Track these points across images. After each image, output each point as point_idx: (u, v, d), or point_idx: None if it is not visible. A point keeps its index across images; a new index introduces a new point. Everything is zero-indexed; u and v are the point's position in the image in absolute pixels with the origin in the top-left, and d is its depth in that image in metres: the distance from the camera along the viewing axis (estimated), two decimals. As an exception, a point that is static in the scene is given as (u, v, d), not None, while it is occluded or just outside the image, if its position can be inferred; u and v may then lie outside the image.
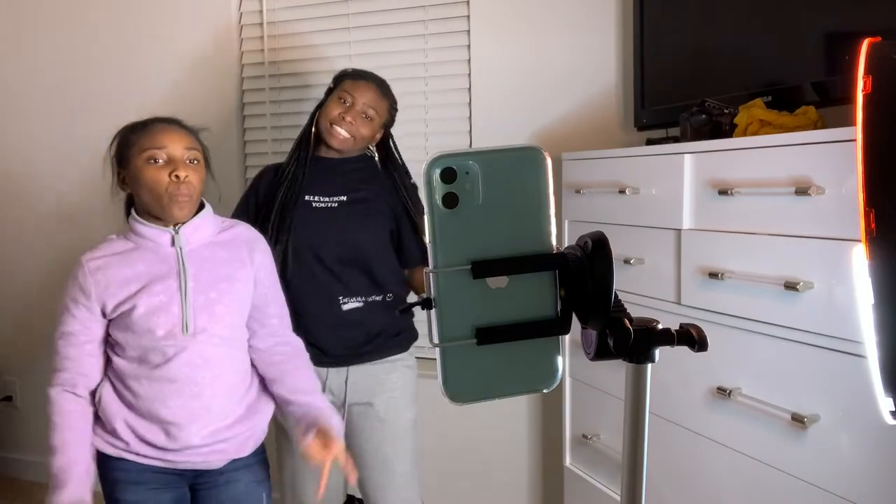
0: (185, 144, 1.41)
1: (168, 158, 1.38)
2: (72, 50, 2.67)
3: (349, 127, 1.72)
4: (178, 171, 1.36)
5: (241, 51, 2.47)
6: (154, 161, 1.38)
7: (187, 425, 1.39)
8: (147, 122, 1.45)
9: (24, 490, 2.84)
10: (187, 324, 1.38)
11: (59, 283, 2.75)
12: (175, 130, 1.42)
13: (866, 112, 0.94)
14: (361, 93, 1.73)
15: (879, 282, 0.95)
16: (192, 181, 1.39)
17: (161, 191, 1.37)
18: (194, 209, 1.43)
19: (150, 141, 1.39)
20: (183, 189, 1.37)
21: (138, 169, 1.39)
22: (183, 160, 1.39)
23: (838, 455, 1.14)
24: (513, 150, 0.55)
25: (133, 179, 1.41)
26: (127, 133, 1.46)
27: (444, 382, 0.56)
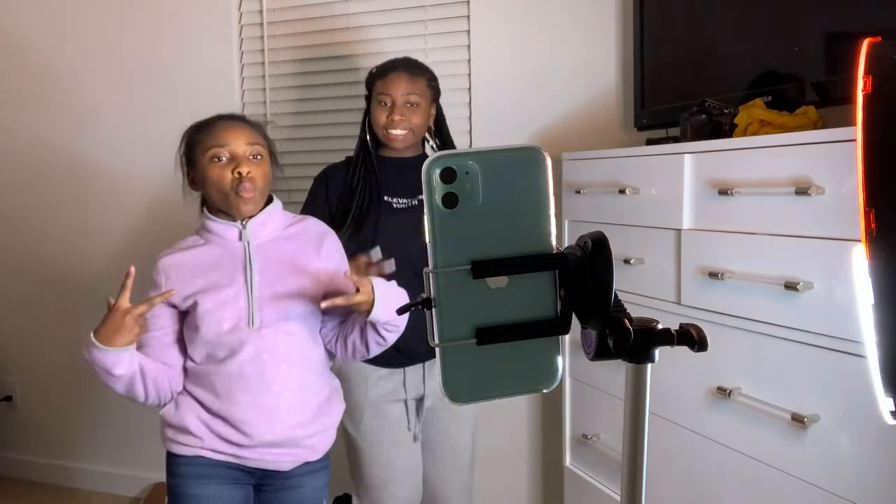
0: (246, 140, 1.42)
1: (231, 156, 1.40)
2: (69, 50, 2.67)
3: (401, 124, 1.73)
4: (240, 168, 1.38)
5: (242, 51, 2.47)
6: (218, 159, 1.40)
7: (257, 422, 1.38)
8: (210, 120, 1.47)
9: (24, 490, 2.84)
10: (253, 317, 1.39)
11: (58, 284, 2.76)
12: (237, 126, 1.44)
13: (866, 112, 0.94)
14: (395, 87, 1.74)
15: (879, 282, 0.95)
16: (255, 176, 1.40)
17: (226, 188, 1.39)
18: (261, 203, 1.44)
19: (213, 139, 1.41)
20: (247, 185, 1.38)
21: (204, 168, 1.41)
22: (246, 156, 1.41)
23: (838, 455, 1.14)
24: (513, 150, 0.55)
25: (200, 179, 1.44)
26: (192, 133, 1.48)
27: (444, 382, 0.56)
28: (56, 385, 2.85)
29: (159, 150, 2.58)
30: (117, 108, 2.63)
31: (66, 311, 2.78)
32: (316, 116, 2.42)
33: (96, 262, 2.70)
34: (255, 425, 1.38)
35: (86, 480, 2.85)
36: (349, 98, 2.35)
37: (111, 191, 2.67)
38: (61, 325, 2.80)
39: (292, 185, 2.45)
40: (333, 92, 2.38)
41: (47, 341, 2.84)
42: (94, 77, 2.65)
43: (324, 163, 2.32)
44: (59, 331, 2.81)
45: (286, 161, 2.45)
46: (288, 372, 1.41)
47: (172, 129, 2.53)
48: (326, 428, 1.48)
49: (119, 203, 2.67)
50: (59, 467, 2.88)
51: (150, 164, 2.60)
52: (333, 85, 2.38)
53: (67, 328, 2.79)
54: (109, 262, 2.67)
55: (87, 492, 2.83)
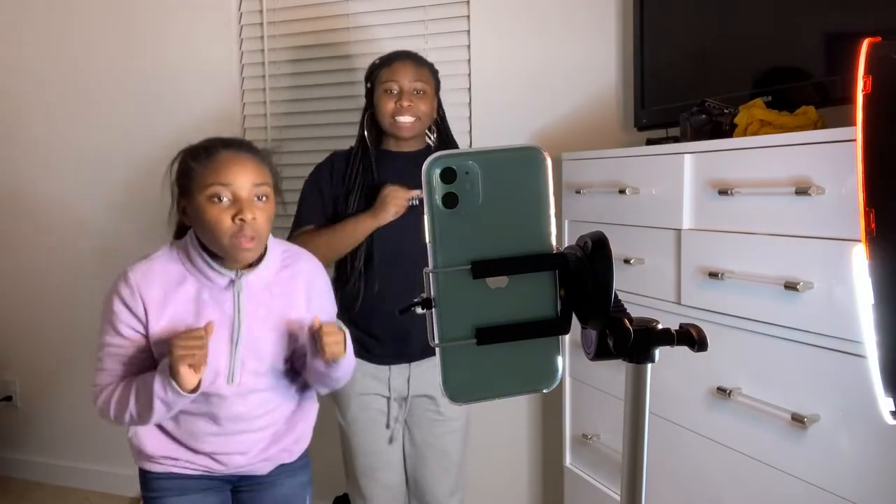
0: (253, 180, 1.26)
1: (234, 197, 1.24)
2: (69, 51, 2.67)
3: (410, 111, 1.71)
4: (243, 215, 1.22)
5: (242, 51, 2.47)
6: (218, 199, 1.24)
7: (232, 455, 1.38)
8: (210, 147, 1.29)
9: (24, 490, 2.84)
10: (233, 374, 1.32)
11: (58, 284, 2.76)
12: (243, 162, 1.26)
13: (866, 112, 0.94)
14: (402, 73, 1.72)
15: (879, 282, 0.95)
16: (260, 223, 1.25)
17: (224, 235, 1.23)
18: (260, 252, 1.31)
19: (215, 175, 1.24)
20: (247, 232, 1.23)
21: (200, 206, 1.25)
22: (250, 199, 1.25)
23: (838, 455, 1.13)
24: (513, 150, 0.55)
25: (194, 215, 1.28)
26: (188, 160, 1.30)
27: (444, 382, 0.56)
28: (56, 385, 2.85)
29: (161, 147, 2.58)
30: (114, 109, 2.63)
31: (66, 311, 2.78)
32: (316, 116, 2.42)
33: (96, 261, 2.70)
34: (228, 458, 1.38)
35: (86, 480, 2.85)
36: (349, 98, 2.35)
37: (114, 188, 2.67)
38: (61, 325, 2.80)
39: (292, 185, 2.46)
40: (333, 92, 2.38)
41: (47, 341, 2.84)
42: (94, 76, 2.65)
43: (324, 163, 2.33)
44: (59, 331, 2.81)
45: (286, 161, 2.46)
46: (263, 416, 1.39)
47: (174, 127, 2.56)
48: (301, 433, 1.48)
49: (121, 201, 2.66)
50: (59, 467, 2.88)
51: (154, 162, 2.59)
52: (333, 85, 2.38)
53: (67, 328, 2.79)
54: (110, 262, 2.67)
55: (87, 492, 2.83)
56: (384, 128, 1.76)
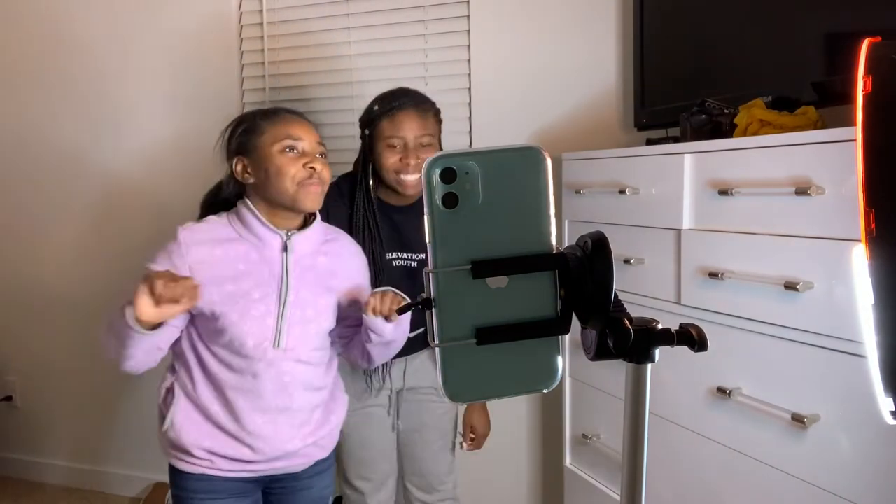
0: (316, 139, 1.40)
1: (302, 150, 1.36)
2: (68, 49, 2.67)
3: (417, 168, 1.60)
4: (314, 163, 1.35)
5: (242, 51, 2.47)
6: (291, 150, 1.35)
7: (271, 440, 1.36)
8: (276, 110, 1.43)
9: (24, 490, 2.84)
10: (280, 338, 1.33)
11: (58, 284, 2.76)
12: (307, 124, 1.42)
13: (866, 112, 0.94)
14: (407, 127, 1.61)
15: (879, 282, 0.95)
16: (325, 176, 1.38)
17: (292, 180, 1.33)
18: (322, 203, 1.40)
19: (285, 130, 1.36)
20: (315, 178, 1.35)
21: (270, 156, 1.34)
22: (315, 153, 1.38)
23: (838, 455, 1.13)
24: (512, 150, 0.55)
25: (260, 167, 1.36)
26: (254, 119, 1.41)
27: (444, 382, 0.56)
28: (56, 385, 2.85)
29: (159, 152, 2.58)
30: (113, 108, 2.63)
31: (66, 311, 2.78)
32: (316, 116, 2.41)
33: (96, 261, 2.70)
34: (268, 442, 1.36)
35: (86, 480, 2.85)
36: (350, 98, 2.35)
37: (110, 193, 2.67)
38: (61, 325, 2.80)
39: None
40: (333, 92, 2.38)
41: (47, 341, 2.84)
42: (93, 76, 2.65)
43: (324, 163, 2.33)
44: (59, 331, 2.81)
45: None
46: (305, 394, 1.39)
47: (173, 130, 2.55)
48: (334, 426, 1.48)
49: (118, 205, 2.67)
50: (59, 467, 2.88)
51: (150, 167, 2.60)
52: (334, 85, 2.38)
53: (68, 328, 2.79)
54: (109, 262, 2.67)
55: (87, 491, 2.83)
56: (386, 182, 1.66)
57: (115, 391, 2.73)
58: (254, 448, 1.36)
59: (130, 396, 2.72)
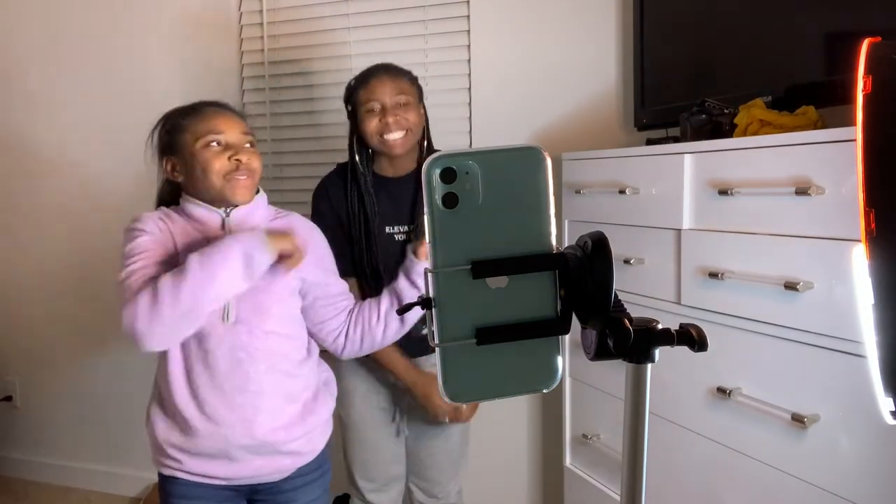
0: (241, 129, 1.39)
1: (226, 144, 1.35)
2: (69, 48, 2.67)
3: (397, 125, 1.64)
4: (239, 155, 1.34)
5: (242, 51, 2.47)
6: (216, 144, 1.35)
7: (233, 425, 1.32)
8: (196, 106, 1.42)
9: (24, 490, 2.84)
10: (228, 312, 1.32)
11: (58, 284, 2.76)
12: (230, 115, 1.40)
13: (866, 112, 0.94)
14: (381, 90, 1.65)
15: (879, 282, 0.95)
16: (253, 164, 1.36)
17: (218, 174, 1.33)
18: (253, 194, 1.39)
19: (206, 126, 1.36)
20: (243, 172, 1.34)
21: (194, 154, 1.34)
22: (242, 145, 1.37)
23: (838, 455, 1.13)
24: (513, 150, 0.55)
25: (187, 166, 1.37)
26: (176, 119, 1.41)
27: (444, 382, 0.56)
28: (56, 385, 2.85)
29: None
30: (114, 107, 2.63)
31: (66, 311, 2.78)
32: (316, 116, 2.41)
33: (96, 261, 2.70)
34: (231, 428, 1.32)
35: (86, 480, 2.85)
36: (349, 98, 2.35)
37: (110, 192, 2.67)
38: (62, 325, 2.80)
39: (293, 184, 2.46)
40: (334, 92, 2.38)
41: (47, 341, 2.84)
42: (92, 76, 2.65)
43: (324, 163, 2.33)
44: (59, 331, 2.82)
45: (286, 161, 2.46)
46: (266, 373, 1.34)
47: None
48: (313, 428, 1.42)
49: (118, 205, 2.66)
50: (59, 467, 2.88)
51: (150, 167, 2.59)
52: (333, 84, 2.38)
53: (67, 328, 2.79)
54: (109, 262, 2.67)
55: (87, 492, 2.83)
56: (374, 148, 1.70)
57: (115, 391, 2.73)
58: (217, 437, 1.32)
59: (130, 396, 2.72)
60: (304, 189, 2.40)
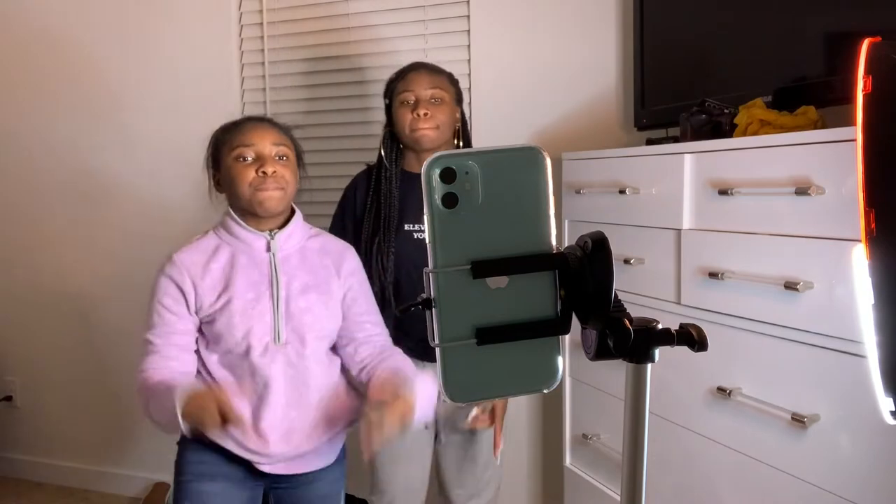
0: (273, 140, 1.40)
1: (256, 155, 1.37)
2: (70, 47, 2.67)
3: (427, 120, 1.66)
4: (265, 167, 1.35)
5: (241, 51, 2.47)
6: (243, 159, 1.37)
7: (275, 439, 1.36)
8: (238, 121, 1.47)
9: (24, 490, 2.84)
10: (279, 333, 1.36)
11: (59, 284, 2.76)
12: (264, 127, 1.42)
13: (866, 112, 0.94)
14: (417, 83, 1.68)
15: (879, 282, 0.95)
16: (282, 174, 1.37)
17: (246, 185, 1.35)
18: (286, 204, 1.41)
19: (239, 138, 1.39)
20: (270, 182, 1.35)
21: (228, 168, 1.39)
22: (271, 156, 1.38)
23: (838, 455, 1.13)
24: (512, 151, 0.55)
25: (224, 179, 1.41)
26: (219, 134, 1.46)
27: (444, 382, 0.56)
28: (56, 385, 2.85)
29: (157, 151, 2.58)
30: (115, 108, 2.63)
31: (66, 311, 2.78)
32: (316, 116, 2.41)
33: (96, 261, 2.70)
34: (272, 442, 1.36)
35: (86, 480, 2.85)
36: (349, 98, 2.35)
37: (108, 193, 2.67)
38: (62, 325, 2.80)
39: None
40: (334, 92, 2.38)
41: (47, 341, 2.84)
42: (92, 76, 2.65)
43: (325, 163, 2.33)
44: (59, 331, 2.81)
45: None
46: (305, 392, 1.39)
47: (171, 131, 2.55)
48: (334, 434, 1.46)
49: (116, 205, 2.67)
50: (59, 467, 2.88)
51: (147, 167, 2.60)
52: (333, 85, 2.38)
53: (67, 328, 2.79)
54: (109, 262, 2.67)
55: (87, 492, 2.83)
56: (404, 141, 1.71)
57: (115, 391, 2.73)
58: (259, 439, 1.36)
59: (130, 396, 2.70)
60: (303, 189, 2.41)
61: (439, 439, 1.82)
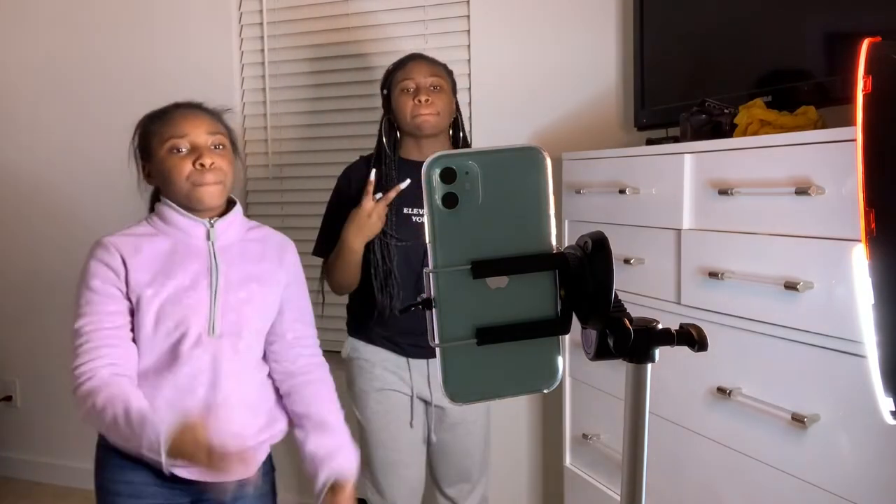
0: (207, 129, 1.32)
1: (191, 146, 1.30)
2: (70, 49, 2.67)
3: (428, 106, 1.68)
4: (202, 160, 1.28)
5: (242, 51, 2.47)
6: (177, 150, 1.30)
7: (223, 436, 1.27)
8: (167, 109, 1.37)
9: (24, 490, 2.84)
10: (214, 324, 1.30)
11: (59, 283, 2.76)
12: (196, 115, 1.34)
13: (866, 112, 0.94)
14: (417, 71, 1.71)
15: (879, 282, 0.95)
16: (220, 166, 1.31)
17: (183, 178, 1.28)
18: (224, 196, 1.34)
19: (171, 129, 1.31)
20: (208, 175, 1.28)
21: (161, 160, 1.31)
22: (207, 146, 1.31)
23: (838, 455, 1.13)
24: (512, 151, 0.55)
25: (157, 172, 1.33)
26: (146, 123, 1.37)
27: (445, 382, 0.56)
28: (56, 385, 2.85)
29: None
30: (114, 107, 2.63)
31: (66, 311, 2.77)
32: (316, 116, 2.42)
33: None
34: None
35: (86, 480, 2.83)
36: (349, 98, 2.35)
37: (108, 189, 2.67)
38: (62, 325, 2.79)
39: (292, 184, 2.46)
40: (333, 92, 2.38)
41: (47, 341, 2.84)
42: (92, 76, 2.65)
43: (325, 163, 2.33)
44: (59, 331, 2.81)
45: (286, 161, 2.46)
46: (237, 388, 1.33)
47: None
48: (264, 442, 1.40)
49: (116, 201, 2.66)
50: (59, 467, 2.88)
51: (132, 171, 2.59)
52: (333, 85, 2.38)
53: (67, 328, 2.78)
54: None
55: (88, 491, 2.81)
56: (405, 128, 1.73)
57: (115, 391, 2.73)
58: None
59: (130, 396, 2.72)
60: (304, 189, 2.42)
61: (431, 440, 1.84)
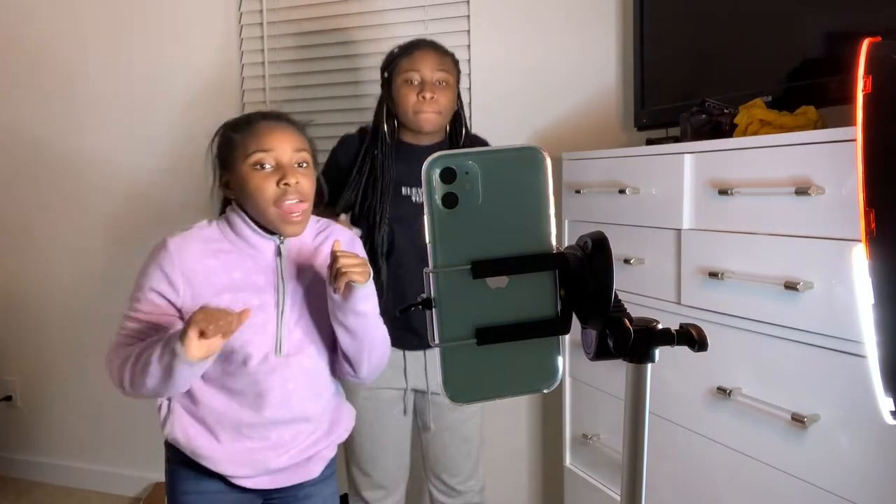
0: (293, 146, 1.27)
1: (276, 164, 1.25)
2: (71, 49, 2.67)
3: (432, 105, 1.63)
4: (287, 179, 1.23)
5: (242, 51, 2.47)
6: (261, 167, 1.25)
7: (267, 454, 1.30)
8: (250, 118, 1.32)
9: (24, 490, 2.84)
10: (281, 344, 1.28)
11: (59, 284, 2.76)
12: (283, 129, 1.29)
13: (866, 112, 0.94)
14: (424, 63, 1.64)
15: (879, 282, 0.95)
16: (304, 188, 1.26)
17: (268, 201, 1.24)
18: (307, 222, 1.31)
19: (256, 143, 1.26)
20: (292, 196, 1.24)
21: (244, 176, 1.26)
22: (292, 165, 1.26)
23: (838, 455, 1.13)
24: (512, 150, 0.55)
25: (238, 185, 1.28)
26: (229, 132, 1.32)
27: (445, 382, 0.56)
28: (56, 385, 2.85)
29: (161, 148, 2.58)
30: (114, 106, 2.63)
31: (66, 311, 2.78)
32: (316, 116, 2.41)
33: (96, 261, 2.70)
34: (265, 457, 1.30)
35: (86, 480, 2.85)
36: (349, 98, 2.35)
37: (106, 189, 2.67)
38: (62, 325, 2.80)
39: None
40: (333, 92, 2.38)
41: (47, 341, 2.84)
42: (91, 75, 2.65)
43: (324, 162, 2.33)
44: (59, 331, 2.81)
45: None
46: (306, 404, 1.33)
47: (170, 129, 2.55)
48: (337, 436, 1.42)
49: (114, 201, 2.67)
50: (59, 467, 2.88)
51: (147, 163, 2.60)
52: (333, 85, 2.38)
53: (68, 328, 2.79)
54: (109, 261, 2.67)
55: (87, 492, 2.83)
56: (404, 121, 1.69)
57: (115, 391, 2.72)
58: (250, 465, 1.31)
59: (130, 396, 2.72)
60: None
61: (429, 428, 1.83)
